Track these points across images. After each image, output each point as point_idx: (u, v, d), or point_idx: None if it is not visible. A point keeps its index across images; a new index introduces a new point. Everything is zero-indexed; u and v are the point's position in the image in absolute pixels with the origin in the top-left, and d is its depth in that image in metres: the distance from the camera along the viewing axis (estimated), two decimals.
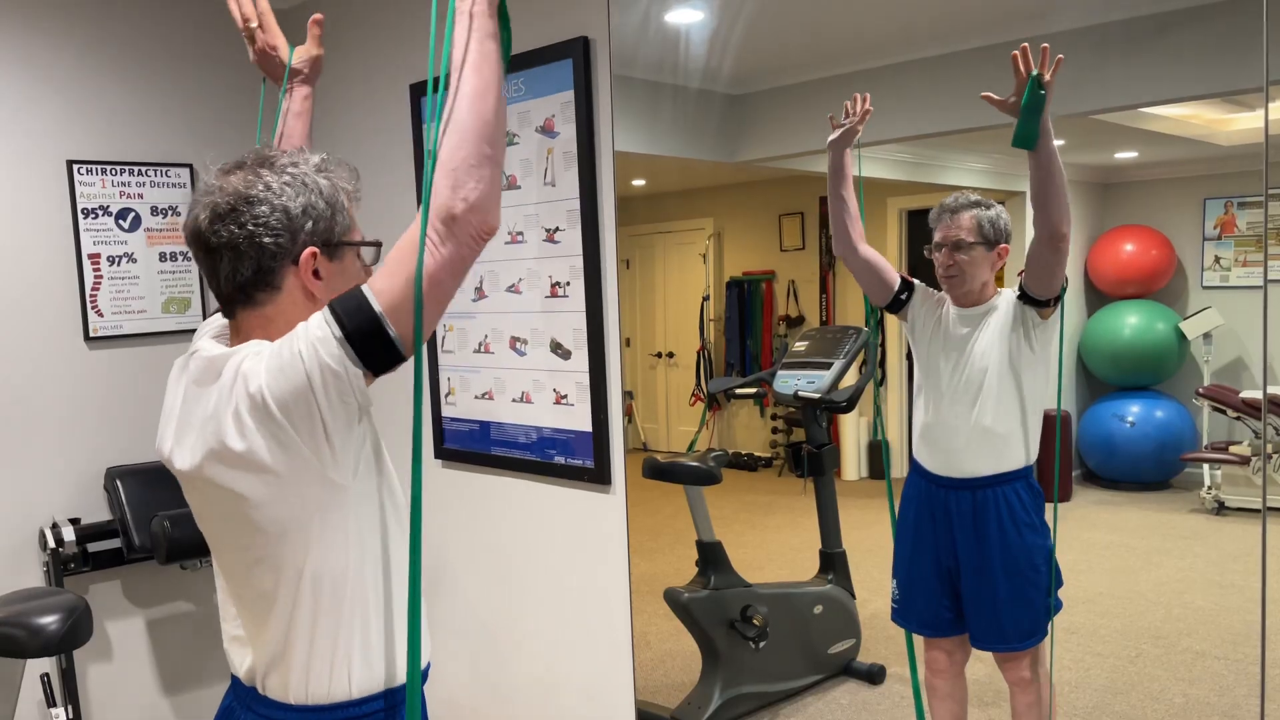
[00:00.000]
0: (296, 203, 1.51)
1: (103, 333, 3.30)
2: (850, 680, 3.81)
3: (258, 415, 1.44)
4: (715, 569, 3.64)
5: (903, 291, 2.89)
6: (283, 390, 1.42)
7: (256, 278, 1.53)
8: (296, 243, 1.52)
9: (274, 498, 1.49)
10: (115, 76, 3.30)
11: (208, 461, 1.50)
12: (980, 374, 2.71)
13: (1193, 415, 4.35)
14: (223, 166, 1.56)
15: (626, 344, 6.10)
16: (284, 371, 1.42)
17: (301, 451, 1.46)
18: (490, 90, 1.48)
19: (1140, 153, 4.26)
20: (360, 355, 1.42)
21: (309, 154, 1.58)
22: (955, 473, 2.79)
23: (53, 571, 3.14)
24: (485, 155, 1.46)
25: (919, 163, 4.23)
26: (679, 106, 3.66)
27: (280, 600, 1.55)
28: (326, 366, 1.41)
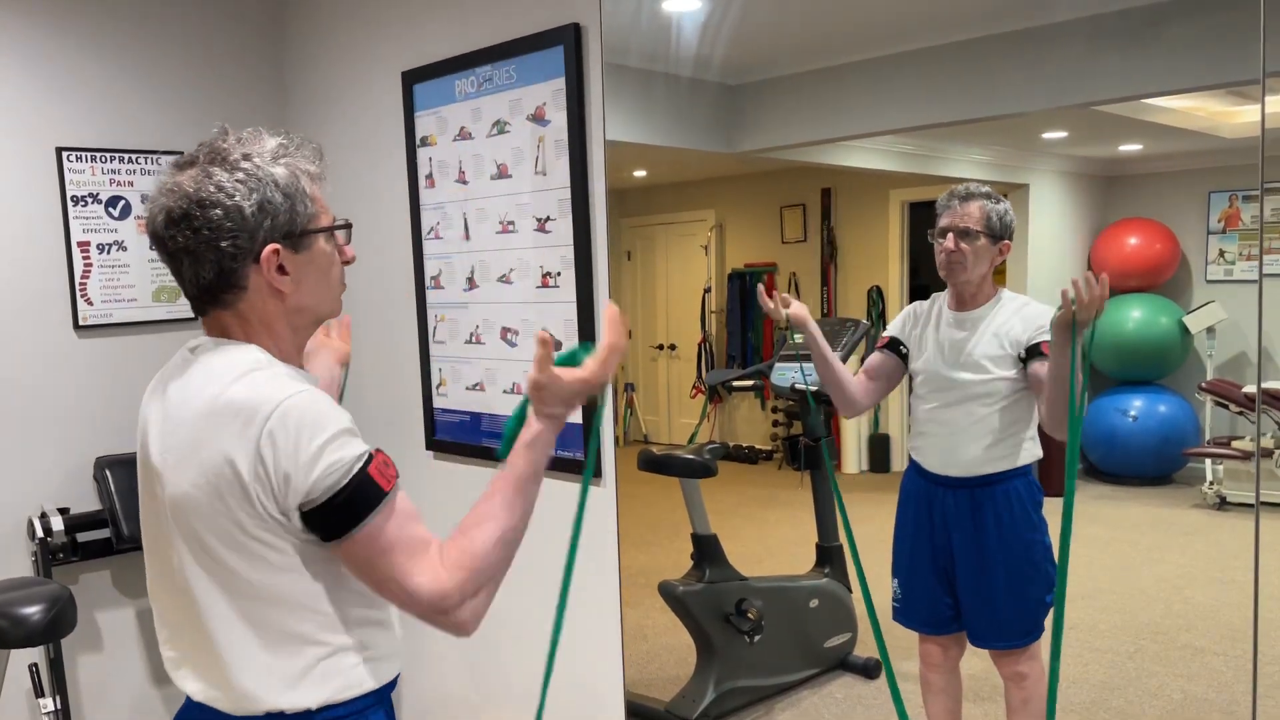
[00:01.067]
0: (251, 201, 1.45)
1: (92, 321, 3.28)
2: (846, 674, 3.80)
3: (237, 420, 1.42)
4: (710, 562, 3.63)
5: (899, 349, 2.89)
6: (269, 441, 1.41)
7: (219, 280, 1.49)
8: (256, 241, 1.47)
9: (214, 509, 1.45)
10: (106, 63, 3.28)
11: (168, 457, 1.47)
12: (976, 377, 2.68)
13: (1195, 410, 4.32)
14: (176, 160, 1.50)
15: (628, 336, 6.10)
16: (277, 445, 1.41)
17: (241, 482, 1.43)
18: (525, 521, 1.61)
19: (1145, 145, 4.23)
20: (310, 519, 1.43)
21: (266, 138, 1.52)
22: (953, 471, 2.77)
23: (41, 561, 3.12)
24: (500, 575, 1.57)
25: (921, 154, 4.20)
26: (675, 96, 3.63)
27: (228, 615, 1.50)
28: (280, 492, 1.42)
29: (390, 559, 1.45)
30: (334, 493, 1.40)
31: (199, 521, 1.46)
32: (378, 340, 3.41)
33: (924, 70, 3.23)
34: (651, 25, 3.37)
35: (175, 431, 1.48)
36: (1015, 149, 4.09)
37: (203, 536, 1.46)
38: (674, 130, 3.79)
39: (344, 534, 1.42)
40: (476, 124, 3.02)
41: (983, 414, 2.69)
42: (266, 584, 1.47)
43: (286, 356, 1.55)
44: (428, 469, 3.30)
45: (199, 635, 1.53)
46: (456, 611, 1.48)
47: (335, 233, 1.58)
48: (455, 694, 3.29)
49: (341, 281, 1.63)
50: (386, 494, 1.45)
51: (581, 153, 2.76)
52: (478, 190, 3.05)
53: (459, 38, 3.02)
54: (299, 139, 1.56)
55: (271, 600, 1.48)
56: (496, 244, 3.02)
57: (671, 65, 3.54)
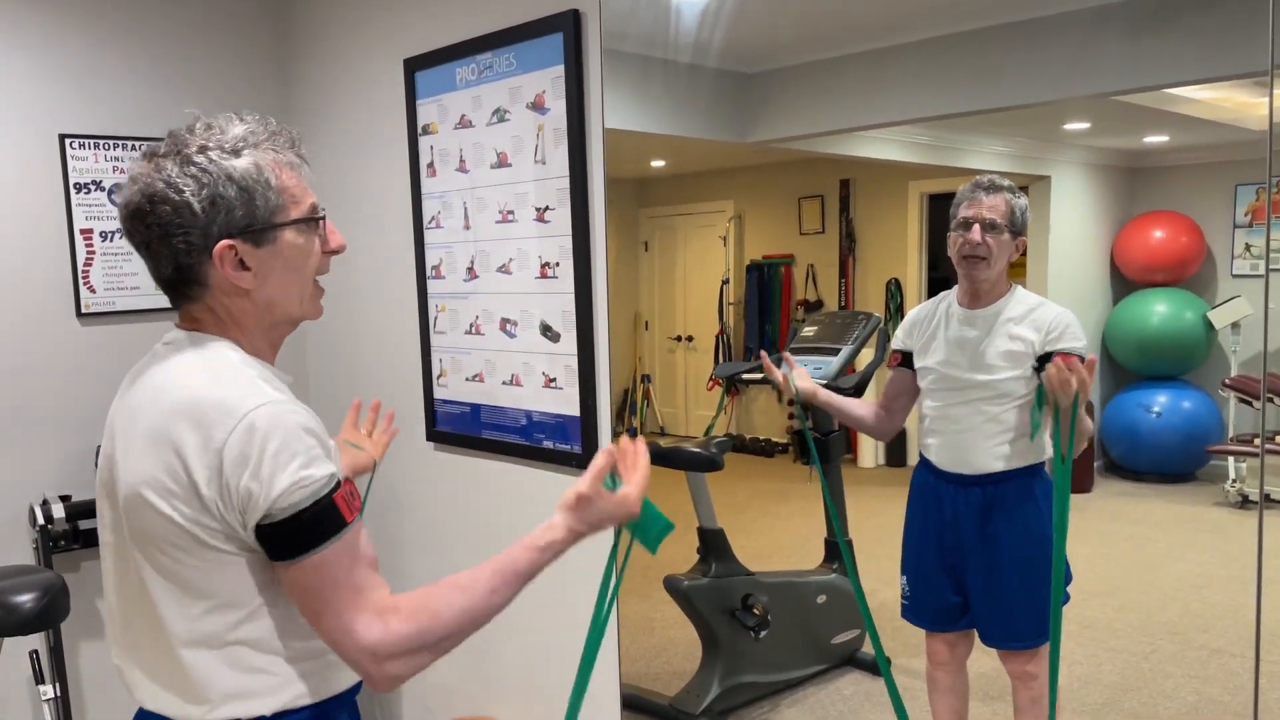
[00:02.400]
0: (201, 196, 1.42)
1: (95, 309, 3.28)
2: (854, 670, 3.75)
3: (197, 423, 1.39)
4: (717, 557, 3.59)
5: (906, 354, 2.85)
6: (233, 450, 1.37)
7: (178, 275, 1.46)
8: (209, 237, 1.43)
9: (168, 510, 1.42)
10: (108, 50, 3.27)
11: (149, 488, 1.44)
12: (988, 375, 2.64)
13: (1219, 406, 4.25)
14: (145, 149, 1.49)
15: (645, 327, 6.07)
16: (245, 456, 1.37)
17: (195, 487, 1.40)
18: (489, 617, 1.52)
19: (1170, 136, 4.15)
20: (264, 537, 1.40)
21: (233, 126, 1.48)
22: (964, 469, 2.72)
23: (41, 548, 3.13)
24: (442, 650, 1.47)
25: (940, 146, 4.15)
26: (684, 85, 3.59)
27: (183, 620, 1.47)
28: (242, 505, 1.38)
29: (335, 593, 1.40)
30: (294, 513, 1.37)
31: (148, 519, 1.43)
32: (379, 330, 3.39)
33: (940, 59, 3.18)
34: (656, 11, 3.33)
35: (136, 425, 1.45)
36: (1036, 140, 4.03)
37: (150, 533, 1.43)
38: (685, 120, 3.75)
39: (294, 557, 1.38)
40: (477, 112, 2.99)
41: (994, 412, 2.64)
42: (215, 587, 1.44)
43: (258, 353, 1.52)
44: (428, 460, 3.28)
45: (149, 639, 1.51)
46: (386, 664, 1.41)
47: (314, 222, 1.53)
48: (456, 686, 3.28)
49: (317, 277, 1.58)
50: (348, 524, 1.41)
51: (580, 141, 2.72)
52: (478, 179, 3.02)
53: (460, 24, 2.99)
54: (273, 127, 1.52)
55: (222, 604, 1.45)
56: (496, 234, 2.99)
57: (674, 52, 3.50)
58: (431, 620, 1.43)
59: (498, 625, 3.09)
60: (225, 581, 1.43)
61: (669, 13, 3.35)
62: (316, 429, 1.43)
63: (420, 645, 1.42)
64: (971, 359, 2.67)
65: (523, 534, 2.94)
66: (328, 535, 1.38)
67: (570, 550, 2.81)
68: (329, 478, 1.40)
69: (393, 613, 1.42)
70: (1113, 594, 3.97)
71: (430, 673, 3.36)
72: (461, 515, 3.19)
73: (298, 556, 1.38)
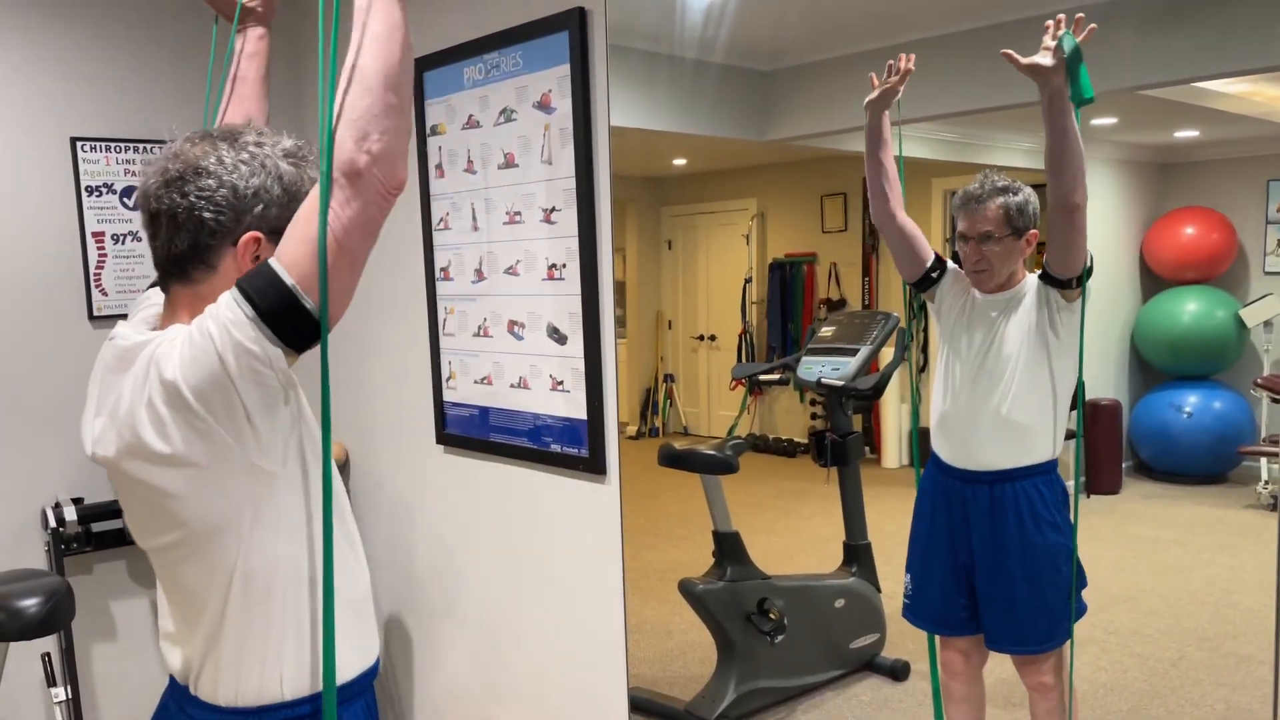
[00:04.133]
0: (249, 182, 1.44)
1: (107, 312, 3.29)
2: (873, 676, 3.71)
3: (173, 405, 1.37)
4: (732, 560, 3.56)
5: (934, 269, 2.79)
6: (198, 377, 1.35)
7: (191, 253, 1.47)
8: (240, 224, 1.45)
9: (198, 491, 1.43)
10: (119, 53, 3.27)
11: (125, 456, 1.44)
12: (1004, 361, 2.59)
13: (1251, 406, 4.18)
14: (190, 134, 1.49)
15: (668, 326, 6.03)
16: (197, 358, 1.35)
17: (223, 439, 1.39)
18: (394, 33, 1.41)
19: (1201, 131, 4.08)
20: (277, 332, 1.35)
21: (285, 138, 1.52)
22: (973, 465, 2.67)
23: (53, 552, 3.13)
24: (390, 105, 1.38)
25: (964, 142, 4.09)
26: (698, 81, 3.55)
27: (210, 598, 1.49)
28: (241, 348, 1.35)
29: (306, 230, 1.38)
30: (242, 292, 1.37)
31: (171, 504, 1.44)
32: (389, 333, 3.37)
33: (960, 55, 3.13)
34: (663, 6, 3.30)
35: (116, 427, 1.46)
36: None
37: (178, 515, 1.45)
38: (700, 118, 3.72)
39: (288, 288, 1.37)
40: (484, 112, 2.97)
41: (1005, 406, 2.59)
42: (239, 560, 1.46)
43: None
44: (438, 463, 3.26)
45: (178, 612, 1.56)
46: (357, 159, 1.36)
47: None
48: (463, 691, 3.26)
49: None
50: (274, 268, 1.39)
51: (586, 141, 2.69)
52: (486, 180, 2.99)
53: (468, 23, 2.96)
54: (315, 152, 1.55)
55: (242, 580, 1.46)
56: (504, 235, 2.96)
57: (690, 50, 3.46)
58: (364, 83, 1.38)
59: (507, 631, 3.07)
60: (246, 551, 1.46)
61: (676, 8, 3.31)
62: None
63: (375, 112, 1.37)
64: (987, 346, 2.62)
65: (531, 539, 2.94)
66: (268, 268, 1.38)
67: (578, 560, 2.80)
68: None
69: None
70: (1139, 598, 3.90)
71: (439, 678, 3.34)
72: (470, 518, 3.17)
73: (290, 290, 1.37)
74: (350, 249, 1.37)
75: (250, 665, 1.50)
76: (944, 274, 2.76)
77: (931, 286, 2.78)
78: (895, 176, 2.81)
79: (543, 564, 2.95)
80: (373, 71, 1.38)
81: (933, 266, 2.77)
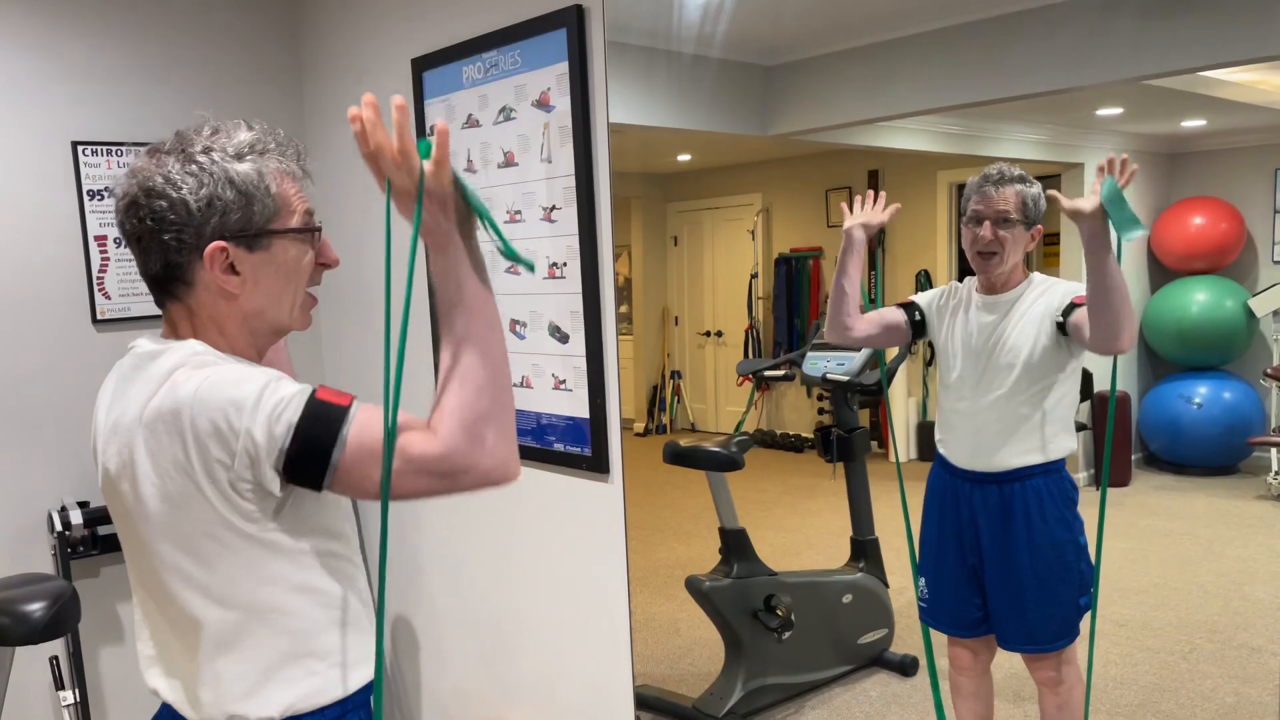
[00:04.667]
0: (199, 195, 1.40)
1: (110, 315, 3.28)
2: (881, 671, 3.70)
3: (171, 438, 1.36)
4: (739, 557, 3.55)
5: (913, 314, 2.78)
6: (205, 438, 1.34)
7: (166, 273, 1.44)
8: (202, 237, 1.41)
9: (176, 521, 1.41)
10: (119, 55, 3.27)
11: (123, 471, 1.43)
12: (1008, 363, 2.56)
13: (1261, 397, 4.16)
14: (149, 146, 1.48)
15: (675, 323, 6.02)
16: (215, 428, 1.34)
17: (200, 491, 1.38)
18: (494, 328, 1.43)
19: (1208, 120, 4.07)
20: (290, 472, 1.36)
21: (240, 133, 1.46)
22: (981, 466, 2.65)
23: (59, 555, 3.14)
24: (504, 404, 1.40)
25: (969, 135, 4.07)
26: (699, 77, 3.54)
27: (201, 619, 1.46)
28: (251, 463, 1.35)
29: (375, 470, 1.37)
30: (295, 427, 1.34)
31: (157, 528, 1.42)
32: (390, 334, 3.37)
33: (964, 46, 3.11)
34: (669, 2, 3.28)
35: (118, 439, 1.44)
36: (1068, 127, 3.94)
37: (164, 540, 1.42)
38: (702, 113, 3.70)
39: (328, 461, 1.35)
40: (484, 111, 2.96)
41: (1012, 406, 2.57)
42: (228, 586, 1.42)
43: (237, 351, 1.49)
44: None
45: (166, 634, 1.51)
46: (473, 460, 1.36)
47: (309, 233, 1.50)
48: (472, 690, 3.26)
49: (313, 284, 1.55)
50: (348, 408, 1.38)
51: (586, 139, 2.68)
52: (486, 179, 2.98)
53: (466, 22, 2.95)
54: (280, 137, 1.50)
55: (233, 603, 1.43)
56: (505, 234, 2.95)
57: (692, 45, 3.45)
58: (462, 410, 1.37)
59: (513, 631, 3.07)
60: (233, 580, 1.43)
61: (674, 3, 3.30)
62: (251, 372, 1.40)
63: (478, 432, 1.36)
64: (989, 349, 2.60)
65: (536, 538, 2.93)
66: (338, 423, 1.36)
67: (582, 559, 2.80)
68: (300, 389, 1.38)
69: (434, 432, 1.37)
70: (1149, 591, 3.89)
71: (446, 677, 3.34)
72: (474, 518, 3.16)
73: (329, 460, 1.35)
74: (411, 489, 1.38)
75: (239, 686, 1.47)
76: (925, 309, 2.78)
77: (922, 326, 2.79)
78: (856, 300, 2.79)
79: (548, 563, 2.94)
80: (481, 372, 1.38)
81: (910, 314, 2.78)
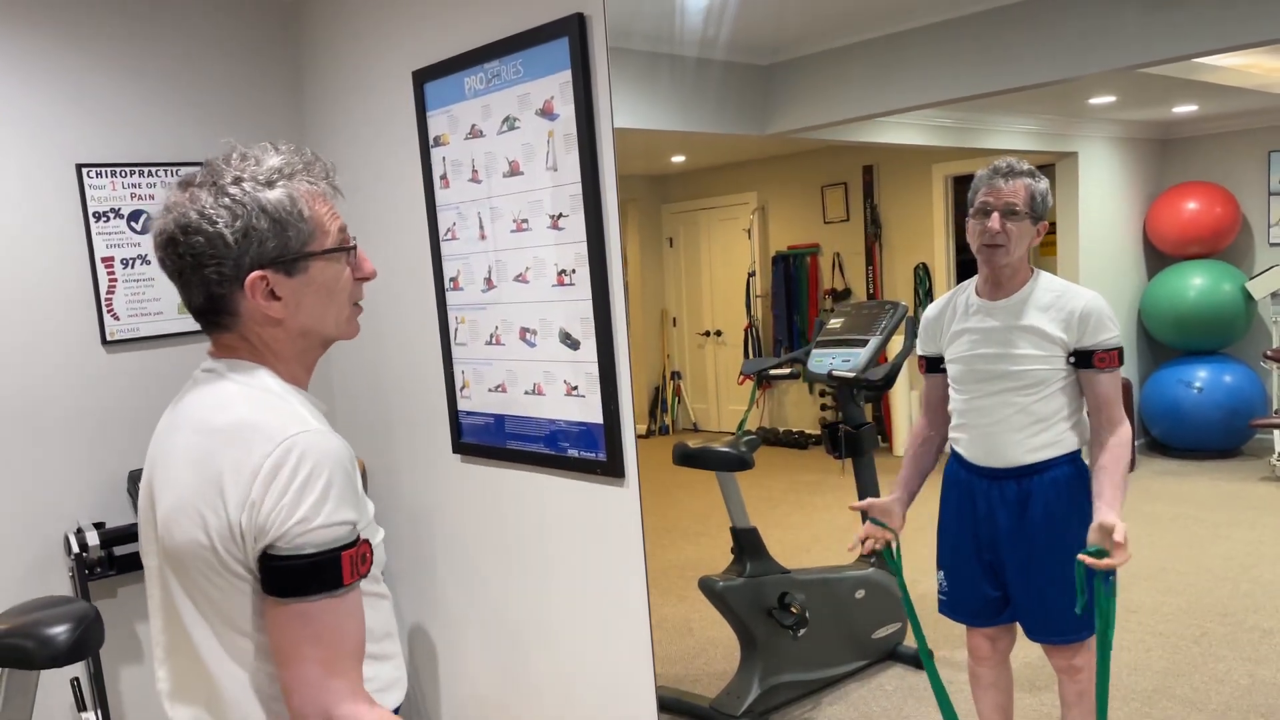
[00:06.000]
0: (234, 227, 1.40)
1: (120, 336, 3.29)
2: (896, 665, 3.72)
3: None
4: (751, 556, 3.56)
5: (939, 365, 2.77)
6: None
7: (209, 305, 1.45)
8: (241, 268, 1.41)
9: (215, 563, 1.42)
10: (121, 77, 3.28)
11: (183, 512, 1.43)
12: (1017, 366, 2.56)
13: (1261, 379, 4.19)
14: (180, 178, 1.48)
15: (673, 323, 6.04)
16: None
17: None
18: None
19: (1200, 105, 4.09)
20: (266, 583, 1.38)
21: (268, 158, 1.47)
22: (996, 462, 2.65)
23: (77, 577, 3.14)
24: None
25: (963, 127, 4.10)
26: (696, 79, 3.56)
27: (217, 648, 1.46)
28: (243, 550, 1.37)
29: (310, 649, 1.37)
30: (296, 554, 1.34)
31: (188, 554, 1.43)
32: (401, 345, 3.38)
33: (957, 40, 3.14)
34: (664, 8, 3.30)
35: (176, 450, 1.45)
36: (1062, 116, 3.96)
37: (191, 566, 1.43)
38: (702, 115, 3.72)
39: (281, 596, 1.35)
40: (487, 121, 2.97)
41: (1023, 403, 2.57)
42: (254, 618, 1.42)
43: (294, 379, 1.50)
44: (455, 472, 3.27)
45: (191, 666, 1.51)
46: None
47: (345, 251, 1.51)
48: (489, 696, 3.27)
49: (354, 300, 1.57)
50: (344, 585, 1.38)
51: (591, 146, 2.69)
52: (491, 189, 2.99)
53: (466, 33, 2.96)
54: (307, 157, 1.51)
55: (260, 632, 1.43)
56: (512, 243, 2.96)
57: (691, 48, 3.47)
58: None
59: (532, 637, 3.09)
60: (258, 611, 1.43)
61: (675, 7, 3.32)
62: (350, 467, 1.41)
63: None
64: (996, 349, 2.60)
65: (551, 544, 2.95)
66: (320, 589, 1.35)
67: (600, 563, 2.82)
68: (349, 530, 1.38)
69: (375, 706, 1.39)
70: (1158, 577, 3.91)
71: (465, 686, 3.36)
72: (488, 526, 3.17)
73: (284, 597, 1.35)
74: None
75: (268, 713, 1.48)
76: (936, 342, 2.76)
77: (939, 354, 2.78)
78: (920, 460, 2.81)
79: (565, 568, 2.95)
80: None
81: (933, 364, 2.79)
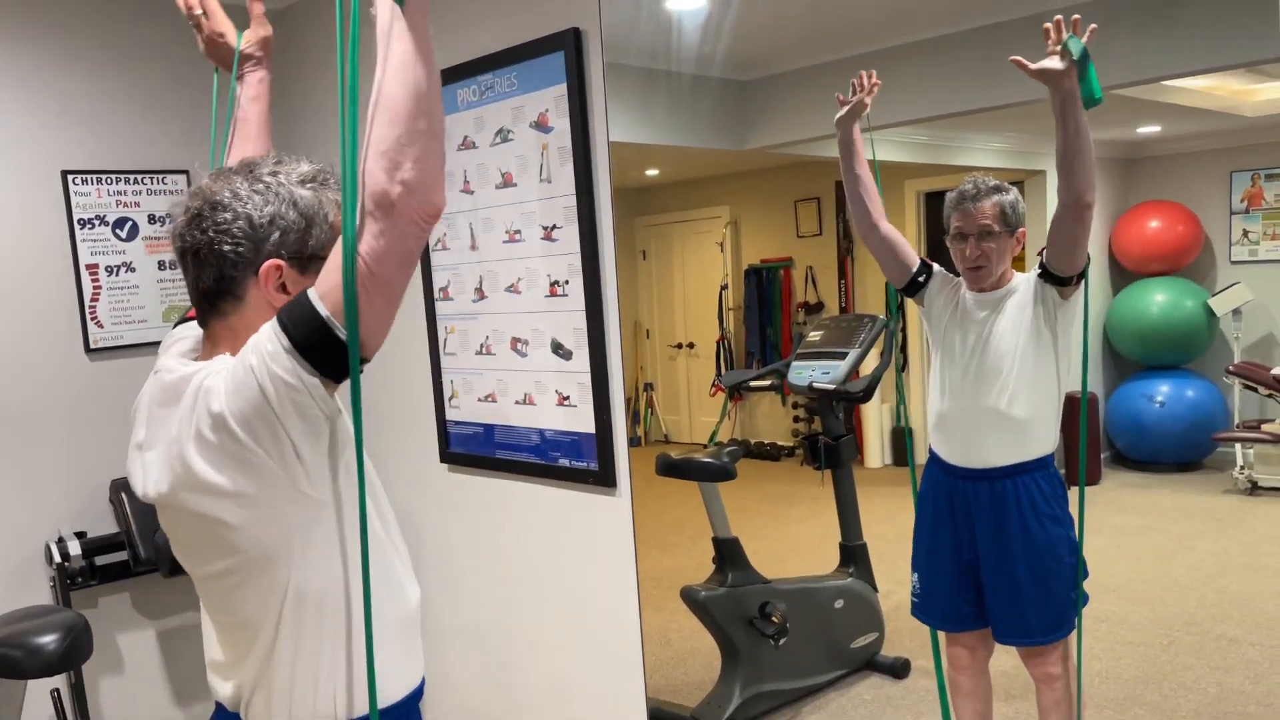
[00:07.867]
0: (263, 211, 1.45)
1: (103, 344, 3.27)
2: (874, 675, 3.76)
3: (221, 436, 1.39)
4: (732, 565, 3.59)
5: (921, 274, 2.81)
6: (242, 408, 1.37)
7: (218, 286, 1.47)
8: (260, 253, 1.45)
9: (251, 519, 1.44)
10: (108, 85, 3.26)
11: (178, 489, 1.45)
12: (999, 359, 2.63)
13: (1223, 394, 4.26)
14: (214, 171, 1.52)
15: (646, 335, 6.06)
16: (240, 390, 1.37)
17: (271, 469, 1.41)
18: (419, 58, 1.36)
19: (1163, 126, 4.17)
20: (314, 364, 1.37)
21: (303, 165, 1.52)
22: (973, 463, 2.71)
23: (59, 586, 3.11)
24: (420, 131, 1.35)
25: (935, 144, 4.14)
26: (680, 95, 3.59)
27: (263, 624, 1.50)
28: (279, 379, 1.35)
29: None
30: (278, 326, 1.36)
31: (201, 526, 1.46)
32: (390, 353, 3.38)
33: (933, 60, 3.18)
34: (653, 25, 3.33)
35: (152, 454, 1.48)
36: (1030, 135, 4.02)
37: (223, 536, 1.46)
38: (682, 129, 3.74)
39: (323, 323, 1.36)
40: (479, 133, 2.99)
41: (1001, 404, 2.63)
42: (293, 584, 1.48)
43: None
44: (442, 481, 3.28)
45: (235, 641, 1.57)
46: (392, 190, 1.33)
47: None
48: (479, 707, 3.27)
49: None
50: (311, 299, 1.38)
51: (586, 159, 2.72)
52: (483, 200, 3.01)
53: (459, 46, 2.99)
54: (335, 173, 1.55)
55: (298, 598, 1.48)
56: (503, 253, 2.98)
57: (675, 64, 3.50)
58: (391, 111, 1.34)
59: (522, 648, 3.10)
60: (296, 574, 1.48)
61: (669, 25, 3.35)
62: None
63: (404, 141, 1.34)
64: (978, 346, 2.66)
65: (542, 553, 2.97)
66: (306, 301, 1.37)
67: (591, 572, 2.83)
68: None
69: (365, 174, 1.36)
70: (1126, 587, 3.98)
71: (458, 694, 3.36)
72: (477, 536, 3.18)
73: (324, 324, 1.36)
74: (385, 280, 1.37)
75: (303, 688, 1.52)
76: (931, 277, 2.81)
77: (920, 290, 2.82)
78: (873, 186, 2.84)
79: (555, 578, 2.97)
80: (400, 99, 1.35)
81: (919, 270, 2.81)
